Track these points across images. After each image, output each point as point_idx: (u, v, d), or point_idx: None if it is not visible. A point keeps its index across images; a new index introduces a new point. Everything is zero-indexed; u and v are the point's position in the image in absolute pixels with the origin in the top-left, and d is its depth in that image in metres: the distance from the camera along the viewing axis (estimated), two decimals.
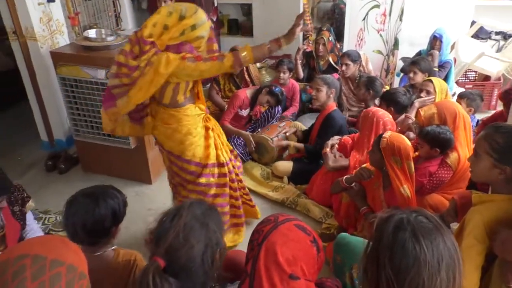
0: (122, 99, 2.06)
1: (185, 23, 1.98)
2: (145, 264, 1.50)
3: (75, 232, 1.44)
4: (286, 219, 1.12)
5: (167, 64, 1.95)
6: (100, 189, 1.54)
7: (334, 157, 2.86)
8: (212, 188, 2.36)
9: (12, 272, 0.80)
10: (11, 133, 4.10)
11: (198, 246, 1.07)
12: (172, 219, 1.09)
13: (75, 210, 1.46)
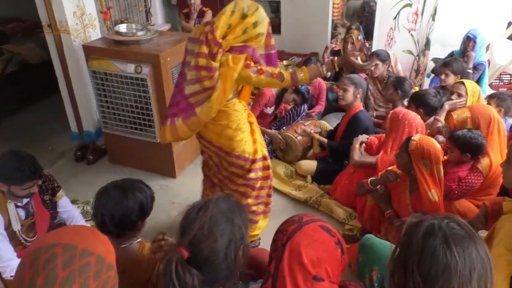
0: (202, 106, 2.08)
1: (247, 21, 2.00)
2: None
3: (103, 222, 1.47)
4: (310, 219, 1.11)
5: (235, 59, 2.01)
6: (129, 182, 1.57)
7: (361, 154, 2.83)
8: (259, 182, 2.41)
9: (44, 259, 0.82)
10: (43, 123, 4.23)
11: (222, 239, 1.08)
12: (198, 211, 1.10)
13: (105, 201, 1.49)
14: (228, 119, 2.21)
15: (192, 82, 2.06)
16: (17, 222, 2.13)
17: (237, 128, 2.24)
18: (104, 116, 3.28)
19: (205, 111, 2.08)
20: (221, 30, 1.98)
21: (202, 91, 2.06)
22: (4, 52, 4.33)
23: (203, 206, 1.13)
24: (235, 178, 2.36)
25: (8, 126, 4.19)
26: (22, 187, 2.00)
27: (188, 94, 2.09)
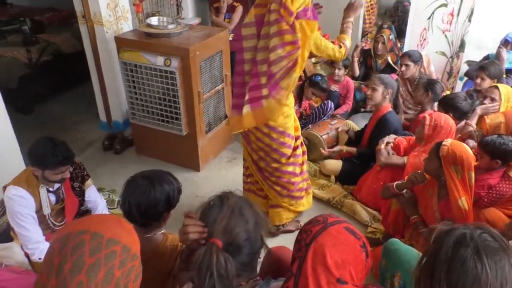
0: (286, 79, 2.17)
1: None
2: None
3: (130, 211, 1.49)
4: (335, 221, 1.10)
5: (309, 26, 2.10)
6: (158, 173, 1.58)
7: (388, 154, 2.77)
8: (301, 157, 2.55)
9: (72, 246, 0.84)
10: (73, 112, 4.34)
11: (251, 222, 1.12)
12: (220, 201, 1.13)
13: (132, 191, 1.51)
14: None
15: (279, 60, 2.11)
16: (47, 206, 2.20)
17: (285, 104, 2.32)
18: (132, 107, 3.34)
19: (290, 84, 2.19)
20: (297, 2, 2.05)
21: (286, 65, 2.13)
22: (40, 41, 4.45)
23: (221, 196, 1.16)
24: (284, 159, 2.43)
25: (40, 113, 4.33)
26: (55, 171, 2.06)
27: (276, 72, 2.14)
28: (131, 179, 1.56)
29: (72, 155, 2.10)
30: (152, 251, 1.51)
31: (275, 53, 2.11)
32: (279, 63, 2.13)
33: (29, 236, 2.11)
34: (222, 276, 0.99)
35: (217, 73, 3.29)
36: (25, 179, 2.14)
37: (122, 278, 0.87)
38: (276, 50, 2.10)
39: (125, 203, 1.51)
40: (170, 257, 1.55)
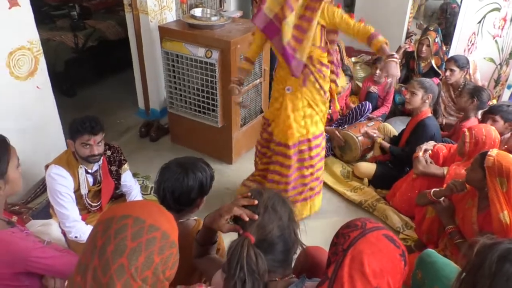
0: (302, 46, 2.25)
1: None
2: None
3: (164, 197, 1.53)
4: (374, 227, 1.07)
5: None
6: (191, 160, 1.62)
7: (426, 162, 2.68)
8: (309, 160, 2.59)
9: (115, 229, 0.87)
10: (114, 97, 4.47)
11: (284, 218, 1.11)
12: (255, 196, 1.13)
13: (167, 177, 1.55)
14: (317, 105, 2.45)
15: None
16: (85, 186, 2.28)
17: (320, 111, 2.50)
18: (171, 96, 3.39)
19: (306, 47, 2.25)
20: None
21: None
22: (87, 27, 4.60)
23: (257, 191, 1.16)
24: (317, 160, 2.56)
25: (83, 97, 4.48)
26: (81, 140, 2.11)
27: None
28: (165, 166, 1.60)
29: (99, 127, 2.14)
30: (185, 236, 1.53)
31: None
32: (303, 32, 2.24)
33: (67, 215, 2.19)
34: (253, 271, 1.00)
35: (256, 67, 3.29)
36: (66, 159, 2.23)
37: (161, 264, 0.88)
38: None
39: (159, 189, 1.55)
40: None
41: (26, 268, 1.24)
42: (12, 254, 1.21)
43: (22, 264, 1.23)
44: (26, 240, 1.26)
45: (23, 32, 2.46)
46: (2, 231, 1.23)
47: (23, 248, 1.24)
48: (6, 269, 1.22)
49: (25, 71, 2.53)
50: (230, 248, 1.04)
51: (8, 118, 2.51)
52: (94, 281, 0.84)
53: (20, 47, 2.46)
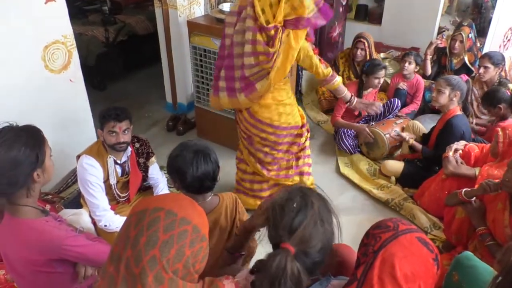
0: (262, 82, 2.21)
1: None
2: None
3: (189, 183, 1.53)
4: (407, 229, 1.04)
5: (296, 38, 2.12)
6: (197, 144, 1.60)
7: (456, 163, 2.61)
8: (308, 141, 2.72)
9: (148, 221, 0.89)
10: (142, 91, 4.55)
11: (328, 233, 1.07)
12: (304, 207, 1.05)
13: (187, 164, 1.52)
14: (286, 95, 2.42)
15: (251, 66, 2.16)
16: (114, 176, 2.34)
17: (292, 103, 2.48)
18: (198, 91, 3.42)
19: (265, 86, 2.21)
20: (262, 16, 2.04)
21: (261, 71, 2.17)
22: (117, 21, 4.69)
23: (305, 198, 1.08)
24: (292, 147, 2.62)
25: (112, 90, 4.58)
26: (108, 127, 2.18)
27: (250, 75, 2.19)
28: (177, 155, 1.56)
29: (124, 115, 2.21)
30: (213, 213, 1.57)
31: (248, 59, 2.15)
32: (251, 69, 2.17)
33: (97, 204, 2.25)
34: (290, 284, 0.95)
35: None
36: (96, 149, 2.30)
37: (191, 257, 0.90)
38: (249, 56, 2.14)
39: (182, 176, 1.52)
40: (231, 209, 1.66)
41: (59, 256, 1.29)
42: (45, 242, 1.26)
43: (55, 252, 1.28)
44: (59, 229, 1.31)
45: (58, 26, 2.54)
46: (36, 220, 1.28)
47: (57, 237, 1.28)
48: (40, 256, 1.27)
49: (59, 65, 2.61)
50: (269, 262, 0.96)
51: (42, 109, 2.59)
52: (126, 272, 0.86)
53: (55, 41, 2.53)
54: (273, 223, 1.04)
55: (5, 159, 1.18)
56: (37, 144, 1.29)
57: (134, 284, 0.85)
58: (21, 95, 2.44)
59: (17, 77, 2.39)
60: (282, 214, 1.03)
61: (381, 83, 3.46)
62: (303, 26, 2.10)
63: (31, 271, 1.29)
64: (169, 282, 0.86)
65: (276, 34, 2.07)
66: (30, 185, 1.27)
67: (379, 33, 4.85)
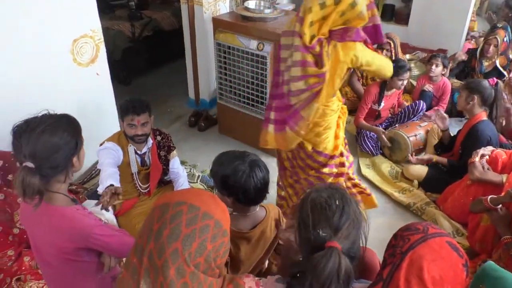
0: (309, 106, 1.93)
1: (343, 5, 1.75)
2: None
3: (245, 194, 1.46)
4: (437, 233, 1.02)
5: (346, 50, 1.83)
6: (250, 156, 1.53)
7: (482, 168, 2.53)
8: (331, 177, 2.26)
9: (171, 214, 0.90)
10: (166, 86, 4.61)
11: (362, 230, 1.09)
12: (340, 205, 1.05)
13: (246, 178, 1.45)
14: (322, 118, 2.05)
15: (298, 93, 1.89)
16: (135, 165, 2.39)
17: (327, 127, 2.11)
18: (221, 87, 3.44)
19: (313, 112, 1.94)
20: (308, 33, 1.78)
21: (307, 90, 1.89)
22: (144, 17, 4.75)
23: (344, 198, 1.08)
24: (307, 170, 2.24)
25: (137, 85, 4.65)
26: (127, 120, 2.24)
27: (296, 102, 1.93)
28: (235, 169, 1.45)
29: (142, 109, 2.24)
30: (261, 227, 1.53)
31: (296, 84, 1.85)
32: (298, 96, 1.89)
33: (101, 162, 2.24)
34: (345, 281, 0.97)
35: None
36: (117, 137, 2.38)
37: (213, 252, 0.90)
38: (297, 81, 1.84)
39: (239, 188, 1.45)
40: (273, 226, 1.60)
41: (86, 245, 1.32)
42: (75, 230, 1.29)
43: (84, 240, 1.30)
44: (89, 218, 1.34)
45: (87, 20, 2.58)
46: (67, 208, 1.31)
47: (86, 225, 1.31)
48: (70, 243, 1.30)
49: (87, 58, 2.66)
50: (321, 262, 0.95)
51: (68, 102, 2.64)
52: (149, 263, 0.87)
53: (84, 35, 2.59)
54: (312, 223, 1.02)
55: (49, 143, 1.23)
56: (76, 131, 1.35)
57: (156, 276, 0.86)
58: (49, 87, 2.50)
59: (45, 70, 2.45)
60: (324, 213, 1.02)
61: (404, 85, 3.40)
62: (350, 39, 1.82)
63: (60, 258, 1.32)
64: (190, 275, 0.87)
65: (322, 48, 1.81)
66: (68, 169, 1.31)
67: (405, 33, 4.76)
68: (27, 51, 2.33)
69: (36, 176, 1.17)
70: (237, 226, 1.49)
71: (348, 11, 1.77)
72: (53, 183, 1.29)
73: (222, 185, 1.47)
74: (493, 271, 1.58)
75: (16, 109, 2.33)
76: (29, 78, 2.38)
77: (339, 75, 1.89)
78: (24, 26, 2.27)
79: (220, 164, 1.48)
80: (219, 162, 1.50)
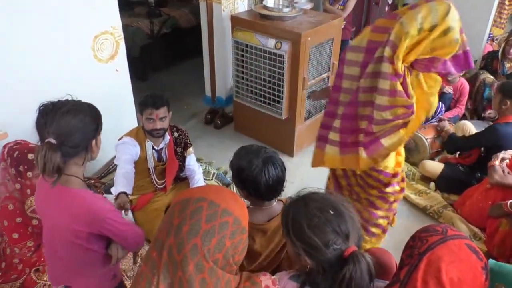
0: (391, 137, 1.76)
1: (437, 31, 1.54)
2: None
3: (258, 189, 1.46)
4: (456, 235, 1.01)
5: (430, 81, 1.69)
6: (265, 151, 1.53)
7: (502, 172, 2.49)
8: (394, 196, 2.08)
9: (191, 210, 0.90)
10: (182, 83, 4.64)
11: None
12: (338, 211, 1.05)
13: (260, 172, 1.45)
14: None
15: (382, 122, 1.71)
16: (152, 160, 2.42)
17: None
18: (237, 85, 3.44)
19: (394, 143, 1.76)
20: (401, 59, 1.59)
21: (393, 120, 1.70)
22: (162, 14, 4.79)
23: (332, 205, 1.07)
24: (368, 189, 2.07)
25: (153, 81, 4.69)
26: (146, 114, 2.27)
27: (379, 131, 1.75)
28: (248, 165, 1.46)
29: (160, 103, 2.27)
30: (277, 220, 1.51)
31: (380, 113, 1.68)
32: (383, 125, 1.72)
33: (118, 157, 2.31)
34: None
35: (325, 60, 3.24)
36: (136, 132, 2.41)
37: (231, 248, 0.91)
38: (383, 110, 1.67)
39: (258, 185, 1.45)
40: None
41: (100, 229, 1.32)
42: (92, 213, 1.30)
43: (98, 224, 1.31)
44: (104, 201, 1.36)
45: (108, 17, 2.62)
46: (83, 190, 1.33)
47: (103, 208, 1.33)
48: (84, 227, 1.30)
49: (107, 55, 2.70)
50: (348, 272, 0.97)
51: (87, 97, 2.61)
52: (169, 258, 0.88)
53: (104, 31, 2.62)
54: (322, 243, 1.01)
55: (72, 122, 1.28)
56: (97, 116, 1.41)
57: (175, 270, 0.87)
58: (70, 81, 2.54)
59: (66, 65, 2.49)
60: (327, 228, 1.02)
61: None
62: (435, 70, 1.63)
63: (70, 243, 1.33)
64: (209, 271, 0.87)
65: (405, 78, 1.63)
66: (88, 152, 1.35)
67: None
68: (51, 47, 2.38)
69: (58, 153, 1.21)
70: (252, 219, 1.50)
71: (439, 38, 1.56)
72: (71, 166, 1.31)
73: (237, 177, 1.49)
74: (501, 267, 1.54)
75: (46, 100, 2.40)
76: (53, 72, 2.43)
77: (426, 109, 1.73)
78: (49, 22, 2.32)
79: (239, 157, 1.50)
80: (239, 155, 1.52)
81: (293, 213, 1.06)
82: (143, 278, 0.92)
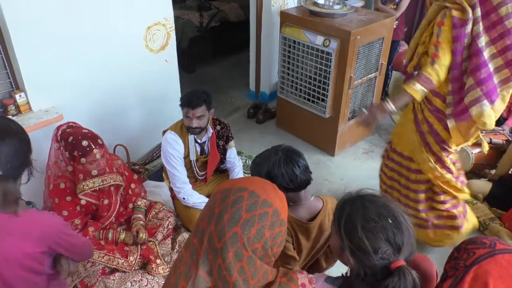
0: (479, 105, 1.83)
1: None
2: None
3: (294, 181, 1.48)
4: (506, 249, 0.96)
5: None
6: (291, 149, 1.54)
7: None
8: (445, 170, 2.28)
9: (233, 199, 0.92)
10: (228, 77, 4.69)
11: None
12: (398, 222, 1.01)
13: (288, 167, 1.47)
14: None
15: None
16: (194, 154, 2.47)
17: None
18: (282, 81, 3.44)
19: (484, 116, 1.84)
20: None
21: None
22: (212, 7, 4.87)
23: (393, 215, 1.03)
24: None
25: (200, 74, 4.78)
26: (183, 111, 2.31)
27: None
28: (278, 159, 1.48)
29: (197, 103, 2.27)
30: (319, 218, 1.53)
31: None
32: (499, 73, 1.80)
33: (178, 176, 2.39)
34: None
35: (373, 60, 3.17)
36: (180, 126, 2.45)
37: (270, 239, 0.92)
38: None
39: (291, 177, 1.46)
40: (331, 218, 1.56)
41: (51, 245, 1.27)
42: (46, 229, 1.26)
43: (51, 239, 1.27)
44: (54, 216, 1.33)
45: (161, 9, 2.70)
46: (30, 210, 1.28)
47: (56, 223, 1.31)
48: (37, 247, 1.24)
49: (158, 45, 2.78)
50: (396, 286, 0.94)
51: (137, 84, 2.79)
52: (209, 245, 0.90)
53: (157, 22, 2.70)
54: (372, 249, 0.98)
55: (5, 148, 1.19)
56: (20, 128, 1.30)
57: (215, 257, 0.89)
58: (122, 69, 2.64)
59: (119, 53, 2.59)
60: (382, 235, 0.98)
61: None
62: None
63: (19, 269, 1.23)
64: (247, 259, 0.89)
65: None
66: (30, 166, 1.28)
67: None
68: (107, 34, 2.48)
69: (9, 180, 1.18)
70: (296, 214, 1.51)
71: None
72: (18, 184, 1.25)
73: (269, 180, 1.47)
74: None
75: (99, 85, 2.53)
76: (106, 59, 2.54)
77: None
78: (106, 11, 2.42)
79: (256, 165, 1.52)
80: (256, 163, 1.53)
81: (350, 211, 1.04)
82: (184, 263, 0.95)
